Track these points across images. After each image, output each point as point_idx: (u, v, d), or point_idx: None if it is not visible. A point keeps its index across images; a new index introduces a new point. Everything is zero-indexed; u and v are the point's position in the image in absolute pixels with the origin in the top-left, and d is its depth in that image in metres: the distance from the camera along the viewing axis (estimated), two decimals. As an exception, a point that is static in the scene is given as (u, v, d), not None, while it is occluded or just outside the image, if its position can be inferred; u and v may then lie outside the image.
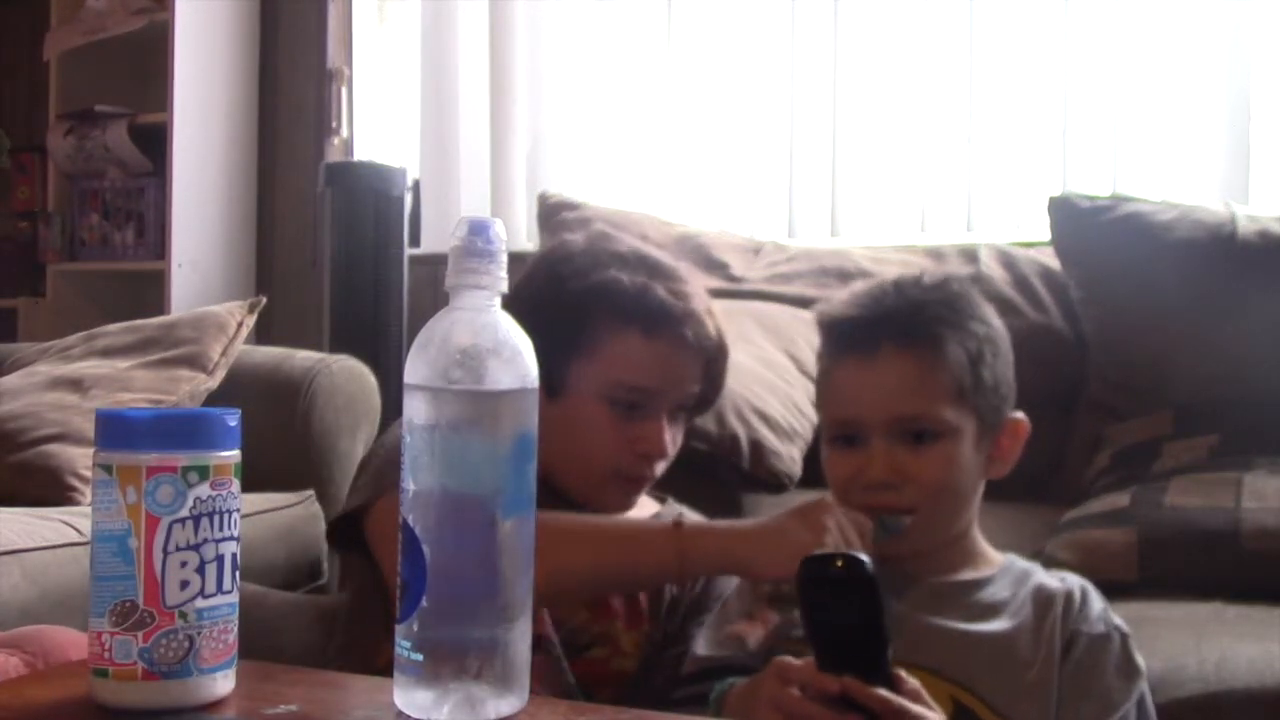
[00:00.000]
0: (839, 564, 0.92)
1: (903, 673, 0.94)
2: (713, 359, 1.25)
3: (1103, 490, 1.67)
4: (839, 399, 1.18)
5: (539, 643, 0.96)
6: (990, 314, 1.20)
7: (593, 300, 1.21)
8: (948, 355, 1.14)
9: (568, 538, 1.07)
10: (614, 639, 1.17)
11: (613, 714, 0.85)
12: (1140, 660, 1.11)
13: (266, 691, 0.81)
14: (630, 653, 1.18)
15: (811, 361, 1.86)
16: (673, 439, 1.24)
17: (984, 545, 1.19)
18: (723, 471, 1.69)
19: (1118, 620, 1.12)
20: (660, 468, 1.24)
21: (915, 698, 0.93)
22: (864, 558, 0.92)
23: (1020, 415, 1.19)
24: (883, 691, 0.91)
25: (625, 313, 1.20)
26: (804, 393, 1.81)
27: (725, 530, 1.09)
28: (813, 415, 1.81)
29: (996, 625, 1.10)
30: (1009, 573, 1.17)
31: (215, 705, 0.79)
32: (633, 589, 1.22)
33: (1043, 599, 1.12)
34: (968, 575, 1.16)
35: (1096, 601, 1.13)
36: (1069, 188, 2.24)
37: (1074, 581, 1.15)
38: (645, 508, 1.30)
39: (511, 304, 0.79)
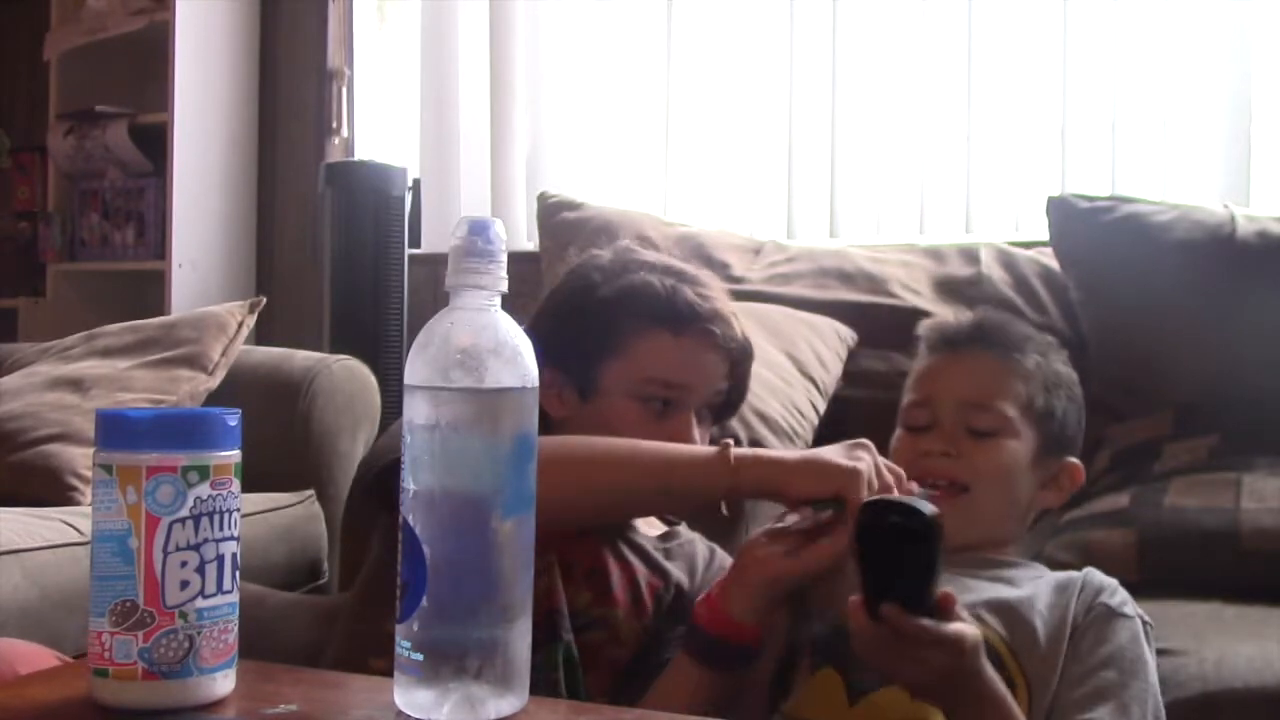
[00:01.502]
0: (899, 513, 0.96)
1: (961, 608, 0.98)
2: (738, 360, 1.29)
3: (1103, 491, 1.67)
4: (919, 384, 1.31)
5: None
6: (1063, 357, 1.34)
7: (624, 303, 1.27)
8: (1023, 366, 1.27)
9: (622, 458, 1.12)
10: (614, 626, 1.18)
11: (613, 714, 0.85)
12: (1152, 653, 1.13)
13: (266, 691, 0.81)
14: (627, 643, 1.18)
15: (811, 362, 1.88)
16: (701, 438, 1.27)
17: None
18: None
19: (1140, 611, 1.15)
20: None
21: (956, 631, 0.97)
22: (925, 507, 0.96)
23: (1077, 461, 1.29)
24: (925, 621, 0.95)
25: (655, 313, 1.26)
26: (803, 393, 1.81)
27: (770, 457, 1.13)
28: (813, 416, 1.81)
29: (1018, 591, 1.16)
30: (1033, 566, 1.25)
31: (215, 705, 0.79)
32: (681, 509, 1.27)
33: (1062, 581, 1.18)
34: (994, 555, 1.23)
35: (1122, 591, 1.17)
36: (1068, 188, 2.24)
37: (1098, 573, 1.20)
38: (654, 527, 1.31)
39: (543, 313, 0.80)
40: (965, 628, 0.97)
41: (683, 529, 1.34)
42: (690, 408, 1.25)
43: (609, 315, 1.26)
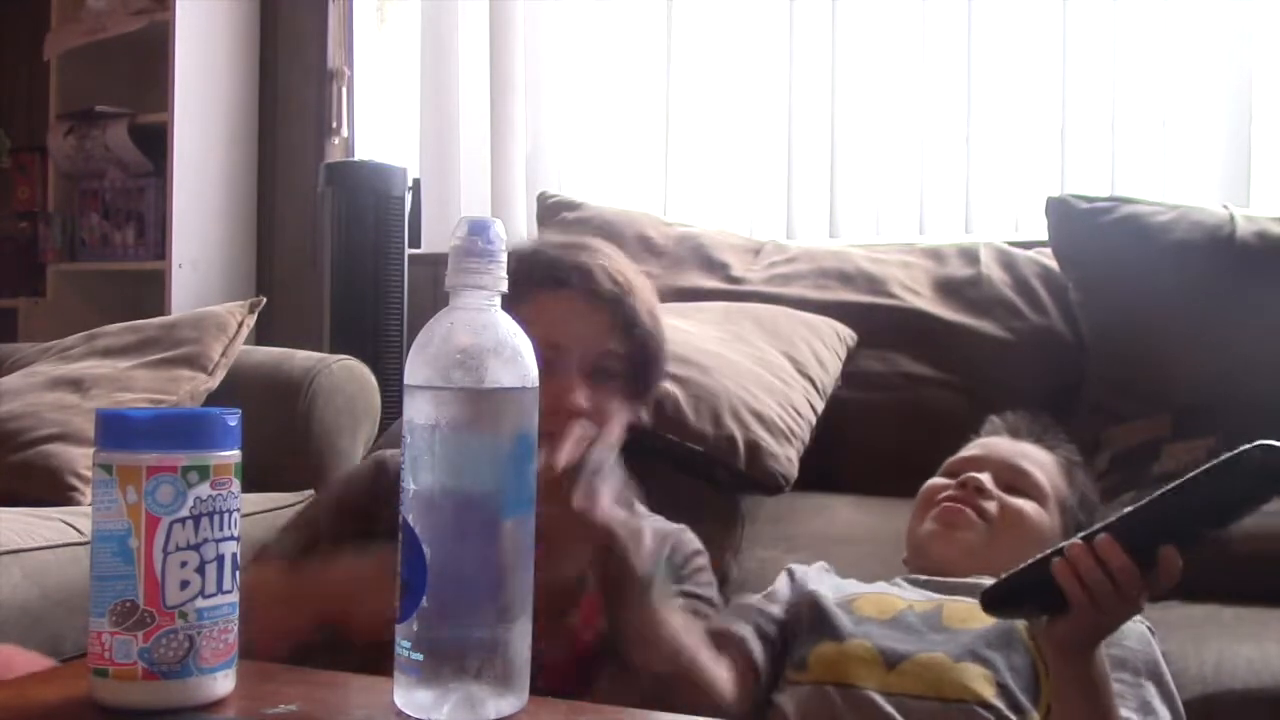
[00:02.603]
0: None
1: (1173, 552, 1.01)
2: (619, 311, 1.24)
3: (1101, 493, 1.67)
4: (971, 452, 1.42)
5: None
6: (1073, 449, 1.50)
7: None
8: (1068, 467, 1.42)
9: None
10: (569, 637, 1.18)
11: (613, 714, 0.85)
12: (1160, 655, 1.14)
13: (266, 692, 0.81)
14: (581, 649, 1.18)
15: (809, 362, 1.88)
16: (593, 400, 1.21)
17: None
18: (719, 473, 1.69)
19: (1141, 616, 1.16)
20: (585, 430, 1.14)
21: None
22: None
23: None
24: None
25: (520, 277, 1.23)
26: (801, 394, 1.81)
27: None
28: (810, 417, 1.81)
29: None
30: None
31: (215, 705, 0.79)
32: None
33: None
34: None
35: None
36: (1068, 188, 2.24)
37: None
38: None
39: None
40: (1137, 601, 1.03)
41: (643, 514, 1.31)
42: (570, 368, 1.20)
43: None
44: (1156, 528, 0.98)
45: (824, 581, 1.32)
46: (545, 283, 1.23)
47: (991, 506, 1.29)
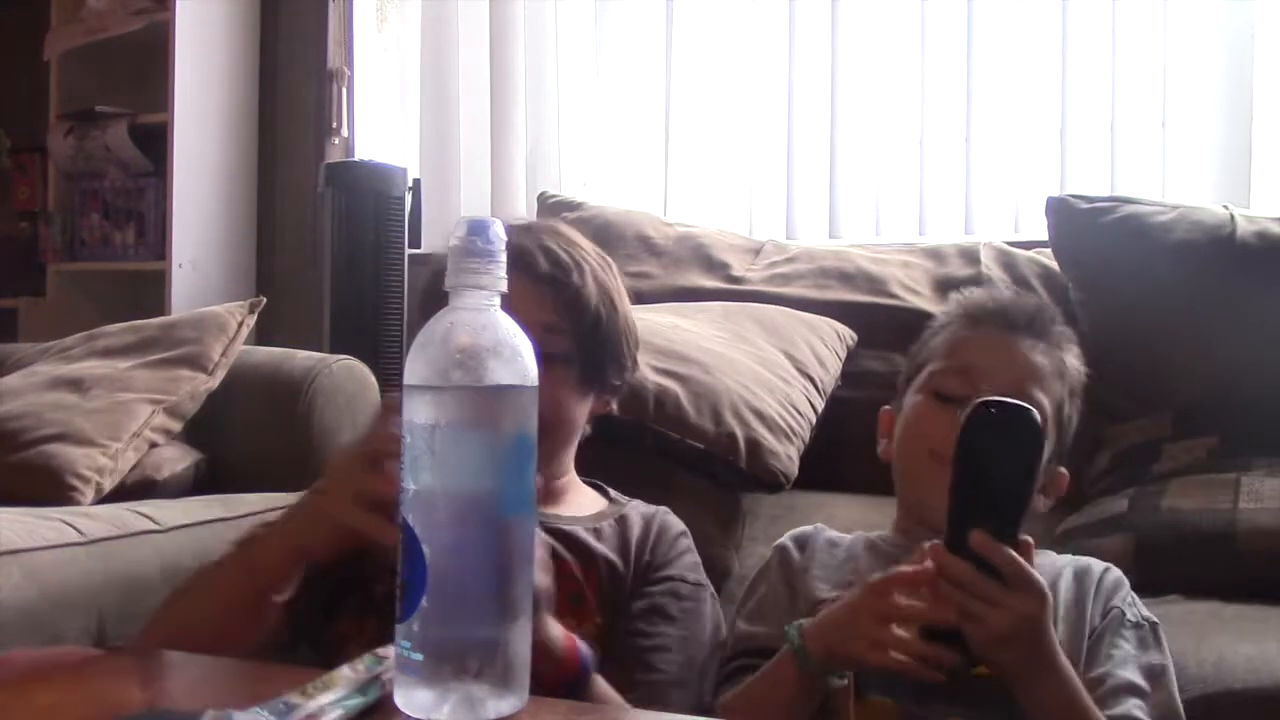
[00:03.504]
0: (1004, 410, 0.94)
1: (1028, 539, 0.95)
2: (562, 291, 1.22)
3: (1102, 493, 1.67)
4: (970, 354, 1.21)
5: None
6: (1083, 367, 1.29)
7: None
8: (1065, 366, 1.23)
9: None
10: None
11: (612, 714, 0.85)
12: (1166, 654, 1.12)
13: (266, 691, 0.81)
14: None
15: (809, 362, 1.88)
16: (562, 390, 1.20)
17: None
18: (720, 471, 1.69)
19: (1148, 613, 1.15)
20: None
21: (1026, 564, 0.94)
22: (1033, 410, 0.94)
23: (1065, 472, 1.25)
24: (1010, 552, 0.92)
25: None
26: (801, 393, 1.81)
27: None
28: (810, 416, 1.81)
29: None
30: (1046, 555, 1.19)
31: (213, 705, 0.79)
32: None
33: (1080, 569, 1.15)
34: None
35: (1130, 590, 1.16)
36: (1068, 188, 2.24)
37: (1114, 571, 1.18)
38: (584, 508, 1.27)
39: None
40: (1038, 578, 0.94)
41: (624, 501, 1.30)
42: None
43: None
44: (969, 521, 0.93)
45: (821, 563, 1.24)
46: None
47: None
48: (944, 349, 1.24)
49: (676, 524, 1.30)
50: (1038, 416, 0.94)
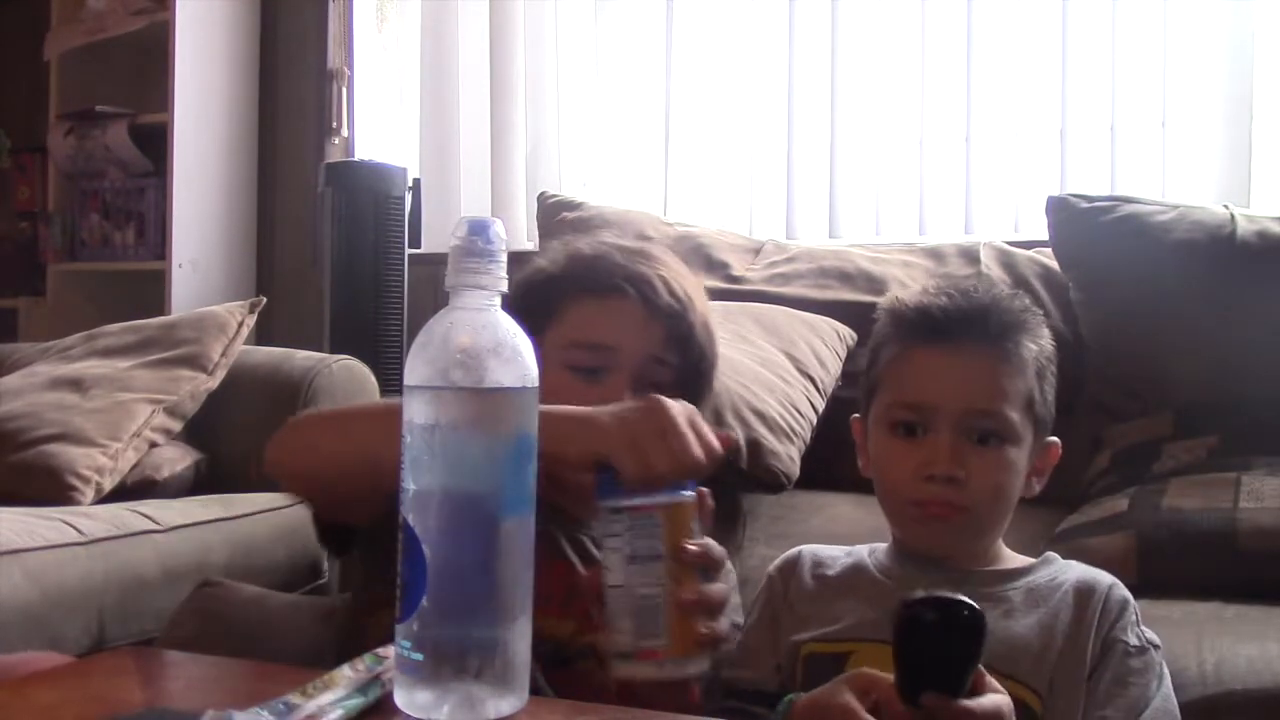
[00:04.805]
0: (940, 610, 0.90)
1: (988, 677, 0.93)
2: (676, 328, 1.24)
3: (1102, 492, 1.67)
4: (914, 382, 1.16)
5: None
6: (1048, 333, 1.22)
7: (559, 275, 1.28)
8: (1024, 361, 1.16)
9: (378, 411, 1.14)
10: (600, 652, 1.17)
11: (613, 714, 0.85)
12: (1166, 679, 1.11)
13: (265, 691, 0.81)
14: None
15: (810, 362, 1.88)
16: None
17: (1008, 551, 1.20)
18: (721, 471, 1.68)
19: (1150, 634, 1.12)
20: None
21: (993, 703, 0.93)
22: (969, 602, 0.90)
23: (1057, 439, 1.21)
24: (965, 702, 0.91)
25: (582, 279, 1.26)
26: (802, 393, 1.81)
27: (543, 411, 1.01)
28: (811, 415, 1.81)
29: (1018, 624, 1.10)
30: (1048, 564, 1.17)
31: (211, 706, 0.79)
32: None
33: (1085, 586, 1.12)
34: (982, 569, 1.16)
35: (1135, 610, 1.13)
36: (1068, 188, 2.24)
37: (1119, 589, 1.14)
38: None
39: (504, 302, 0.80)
40: (999, 698, 0.93)
41: None
42: (622, 374, 1.20)
43: (546, 289, 1.27)
44: (918, 684, 0.91)
45: (811, 591, 1.22)
46: (604, 288, 1.24)
47: (967, 495, 1.12)
48: (892, 375, 1.19)
49: None
50: (978, 611, 0.89)
